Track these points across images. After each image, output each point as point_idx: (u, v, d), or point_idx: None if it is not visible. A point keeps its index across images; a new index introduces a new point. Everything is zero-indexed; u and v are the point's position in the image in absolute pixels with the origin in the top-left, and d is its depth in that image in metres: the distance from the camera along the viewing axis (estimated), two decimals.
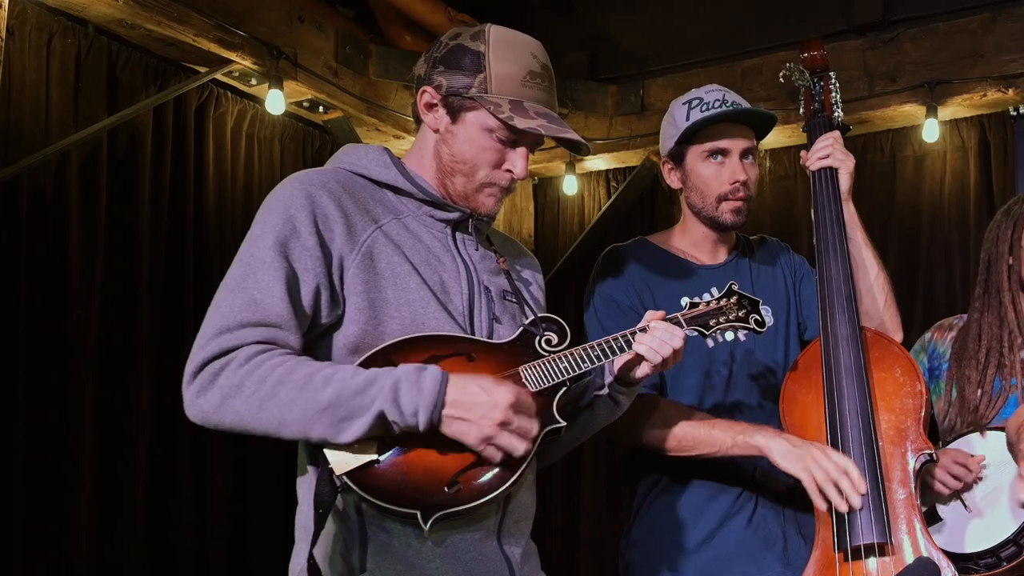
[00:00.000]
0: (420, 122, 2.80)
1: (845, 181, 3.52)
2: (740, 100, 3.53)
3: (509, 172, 2.72)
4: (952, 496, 3.54)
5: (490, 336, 2.69)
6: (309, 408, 2.38)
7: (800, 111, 3.75)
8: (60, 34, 5.15)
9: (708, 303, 2.94)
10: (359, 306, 2.55)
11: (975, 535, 3.44)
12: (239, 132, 6.12)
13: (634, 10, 7.38)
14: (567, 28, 7.51)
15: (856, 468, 3.10)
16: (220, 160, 5.98)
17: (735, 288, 3.00)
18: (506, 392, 2.45)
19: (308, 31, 6.00)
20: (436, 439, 2.45)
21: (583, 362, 2.68)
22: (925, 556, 3.05)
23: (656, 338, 2.76)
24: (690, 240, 3.63)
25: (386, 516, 2.49)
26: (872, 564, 3.08)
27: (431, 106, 2.73)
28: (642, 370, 2.83)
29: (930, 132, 6.18)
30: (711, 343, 3.45)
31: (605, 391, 2.92)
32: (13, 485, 4.86)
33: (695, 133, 3.49)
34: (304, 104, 6.19)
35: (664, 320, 2.81)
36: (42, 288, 5.04)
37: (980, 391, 3.70)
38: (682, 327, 2.83)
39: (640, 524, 3.50)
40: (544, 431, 2.56)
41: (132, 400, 5.39)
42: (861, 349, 3.31)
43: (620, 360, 2.82)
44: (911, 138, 6.58)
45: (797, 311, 3.66)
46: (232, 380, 2.40)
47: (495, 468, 2.50)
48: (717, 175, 3.49)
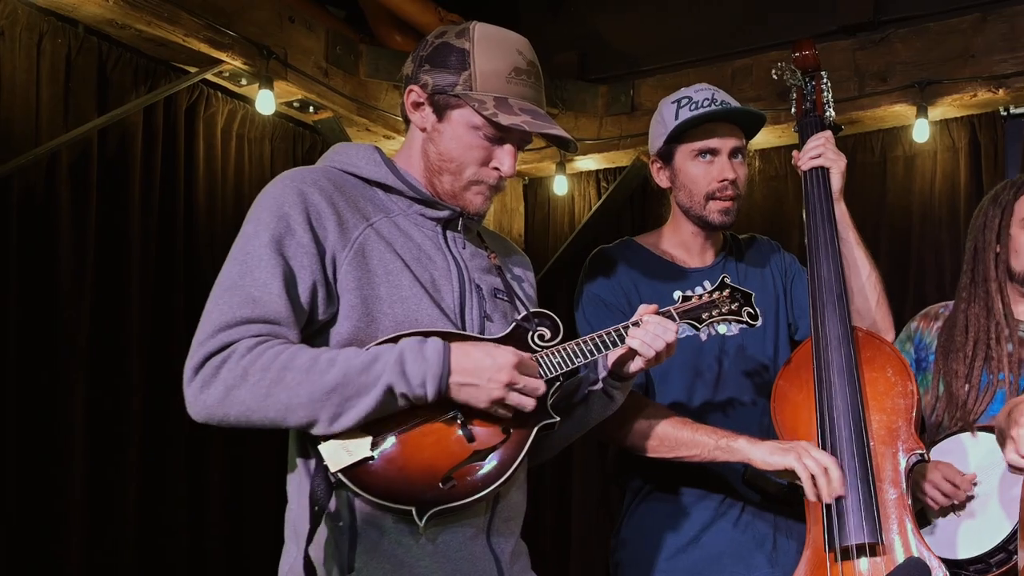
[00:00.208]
0: (408, 122, 2.81)
1: (836, 181, 3.53)
2: (729, 99, 3.53)
3: (496, 170, 2.72)
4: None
5: (482, 333, 2.69)
6: (316, 390, 2.40)
7: (791, 111, 3.77)
8: (50, 34, 5.14)
9: (700, 296, 2.95)
10: (352, 303, 2.56)
11: (965, 540, 3.44)
12: (229, 132, 6.11)
13: (624, 10, 7.38)
14: (557, 28, 7.50)
15: (837, 468, 3.09)
16: (210, 160, 5.97)
17: (727, 281, 3.01)
18: (508, 354, 2.51)
19: (298, 31, 5.99)
20: (429, 436, 2.46)
21: (576, 357, 2.69)
22: (916, 556, 3.06)
23: (649, 332, 2.77)
24: (678, 240, 3.62)
25: (379, 513, 2.49)
26: (863, 564, 3.09)
27: (418, 105, 2.73)
28: (636, 364, 2.84)
29: (920, 132, 6.19)
30: (703, 336, 3.46)
31: (599, 386, 2.93)
32: (4, 487, 4.84)
33: (684, 132, 3.49)
34: (294, 104, 6.19)
35: (657, 314, 2.82)
36: (32, 289, 5.03)
37: (967, 386, 3.68)
38: (675, 320, 2.84)
39: (629, 524, 3.51)
40: (538, 426, 2.58)
41: (123, 401, 5.36)
42: (852, 348, 3.32)
43: (614, 354, 2.84)
44: (901, 138, 6.58)
45: (787, 310, 3.66)
46: (235, 371, 2.40)
47: (489, 464, 2.51)
48: (706, 174, 3.48)
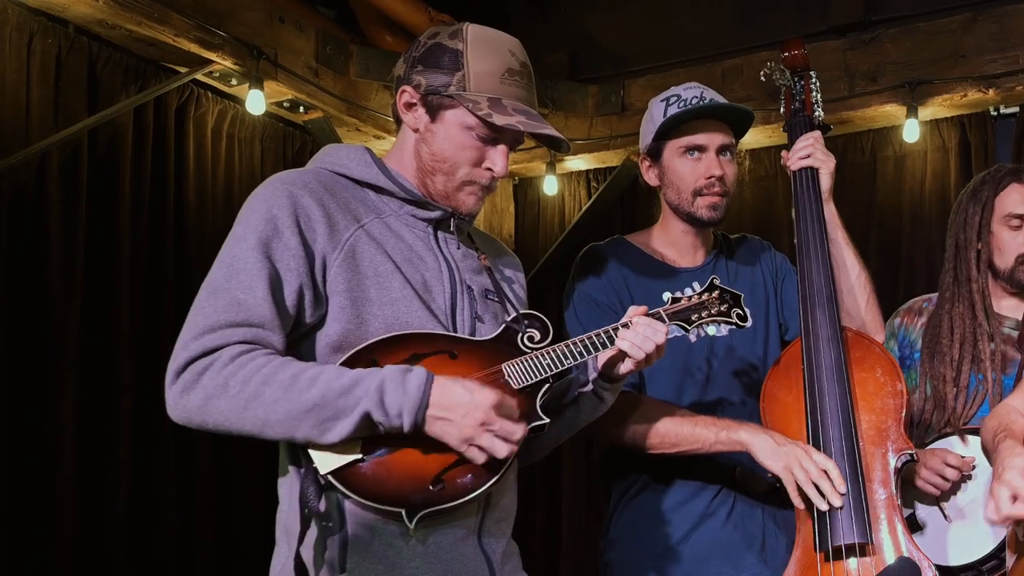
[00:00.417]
0: (400, 122, 2.80)
1: (826, 181, 3.53)
2: (718, 97, 3.52)
3: (489, 170, 2.72)
4: (932, 503, 3.53)
5: (472, 334, 2.69)
6: (294, 408, 2.38)
7: (781, 111, 3.76)
8: (40, 34, 5.14)
9: (690, 298, 2.94)
10: (342, 305, 2.55)
11: (956, 546, 3.44)
12: (219, 132, 6.11)
13: (614, 10, 7.38)
14: (547, 28, 7.51)
15: (837, 468, 3.10)
16: (200, 160, 5.98)
17: (716, 283, 3.00)
18: (489, 394, 2.46)
19: (289, 31, 5.99)
20: (420, 438, 2.45)
21: (566, 358, 2.68)
22: (905, 556, 3.06)
23: (639, 334, 2.76)
24: (669, 239, 3.61)
25: (370, 515, 2.49)
26: (853, 564, 3.08)
27: (410, 105, 2.73)
28: (626, 366, 2.84)
29: (911, 132, 6.20)
30: (693, 338, 3.45)
31: (589, 387, 2.92)
32: None
33: (672, 129, 3.49)
34: (284, 104, 6.19)
35: (646, 315, 2.82)
36: (22, 289, 5.03)
37: (955, 389, 3.68)
38: (664, 322, 2.84)
39: (618, 523, 3.49)
40: (528, 427, 2.57)
41: (113, 401, 5.37)
42: (842, 349, 3.31)
43: (603, 356, 2.83)
44: (892, 138, 6.60)
45: (778, 311, 3.65)
46: (216, 380, 2.40)
47: (479, 467, 2.50)
48: (693, 170, 3.47)
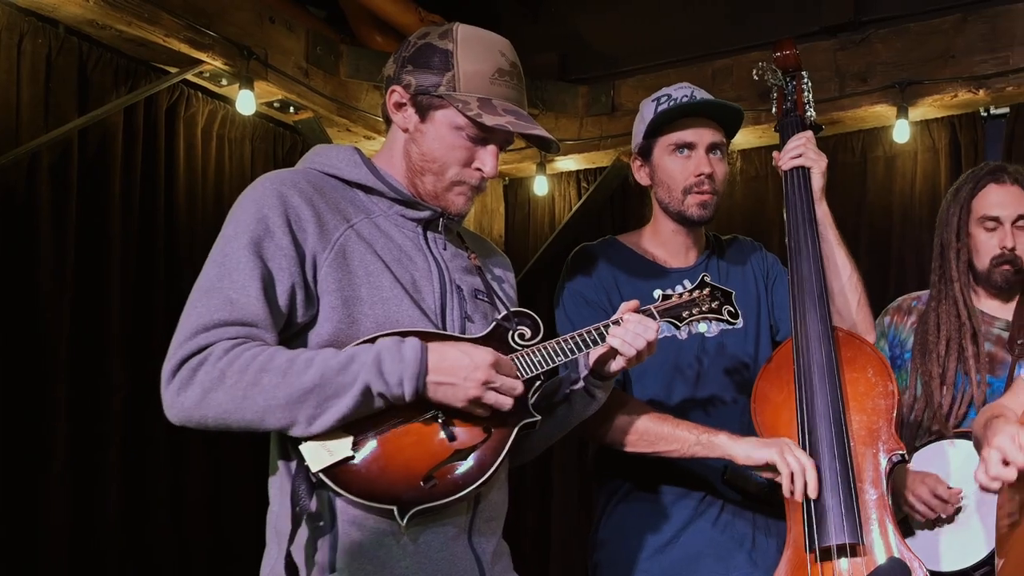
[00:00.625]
0: (390, 122, 2.80)
1: (817, 181, 3.52)
2: (709, 97, 3.53)
3: (479, 170, 2.72)
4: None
5: (462, 334, 2.69)
6: (293, 391, 2.39)
7: (772, 111, 3.76)
8: (31, 34, 5.13)
9: (680, 295, 2.95)
10: (333, 304, 2.55)
11: (949, 552, 3.44)
12: (210, 132, 6.11)
13: (604, 10, 7.38)
14: (537, 28, 7.50)
15: (814, 471, 3.09)
16: (191, 160, 5.97)
17: (707, 280, 3.01)
18: (485, 353, 2.52)
19: (279, 31, 5.98)
20: (410, 436, 2.46)
21: (557, 355, 2.68)
22: (896, 556, 3.05)
23: (629, 331, 2.77)
24: (660, 239, 3.60)
25: (361, 514, 2.49)
26: (844, 564, 3.08)
27: (400, 105, 2.73)
28: (617, 363, 2.84)
29: (901, 133, 6.21)
30: (684, 335, 3.45)
31: (580, 385, 2.93)
32: None
33: (662, 127, 3.49)
34: (275, 104, 6.19)
35: (637, 312, 2.82)
36: (13, 289, 5.02)
37: (943, 387, 3.69)
38: (655, 319, 2.84)
39: (607, 525, 3.49)
40: (519, 425, 2.58)
41: (104, 400, 5.37)
42: (833, 349, 3.31)
43: (594, 353, 2.83)
44: (882, 138, 6.61)
45: (769, 312, 3.65)
46: (212, 373, 2.40)
47: (470, 463, 2.51)
48: (683, 168, 3.46)
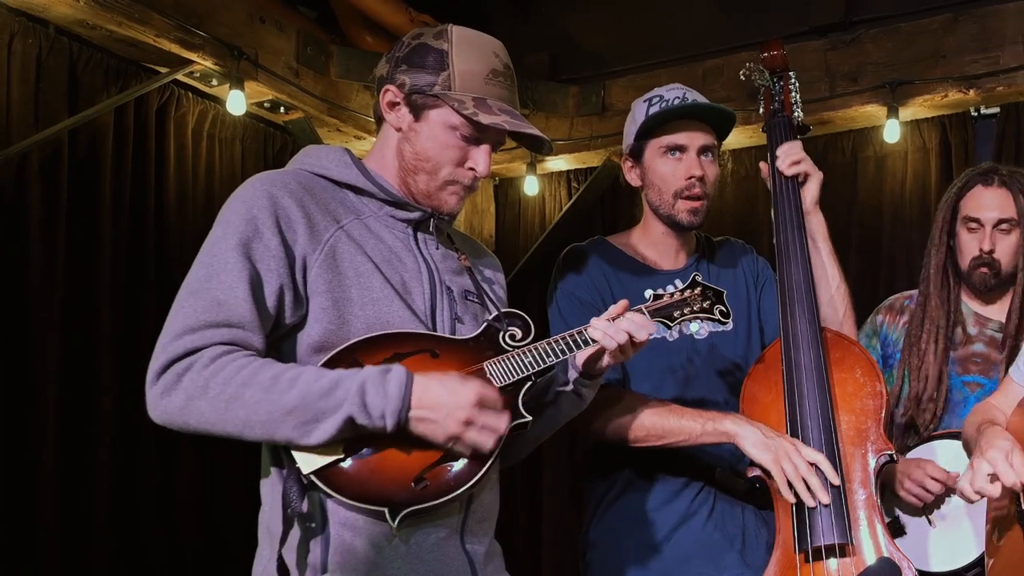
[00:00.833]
0: (381, 122, 2.80)
1: (814, 190, 3.51)
2: (701, 98, 3.51)
3: (472, 170, 2.72)
4: (916, 513, 3.54)
5: (453, 335, 2.69)
6: (274, 410, 2.38)
7: (760, 111, 3.76)
8: (21, 35, 5.13)
9: (672, 294, 2.95)
10: (323, 306, 2.54)
11: (939, 553, 3.45)
12: (200, 133, 6.10)
13: (595, 10, 7.39)
14: (528, 29, 7.51)
15: (827, 461, 3.10)
16: (181, 160, 5.97)
17: (699, 279, 3.00)
18: (470, 390, 2.46)
19: (269, 32, 5.98)
20: (402, 437, 2.44)
21: (548, 356, 2.68)
22: (886, 556, 3.06)
23: (611, 324, 2.76)
24: (649, 241, 3.60)
25: (352, 516, 2.49)
26: (833, 565, 3.08)
27: (394, 104, 2.73)
28: (605, 361, 2.84)
29: (891, 133, 6.22)
30: (675, 335, 3.45)
31: (569, 386, 2.93)
32: None
33: (654, 129, 3.48)
34: (265, 105, 6.19)
35: (627, 311, 2.82)
36: (2, 289, 5.01)
37: (927, 387, 3.70)
38: (646, 318, 2.84)
39: (598, 525, 3.48)
40: (511, 425, 2.57)
41: (93, 401, 5.36)
42: (821, 349, 3.31)
43: (583, 354, 2.83)
44: (872, 139, 6.62)
45: (758, 314, 3.65)
46: (197, 381, 2.39)
47: (461, 464, 2.50)
48: (674, 171, 3.45)
